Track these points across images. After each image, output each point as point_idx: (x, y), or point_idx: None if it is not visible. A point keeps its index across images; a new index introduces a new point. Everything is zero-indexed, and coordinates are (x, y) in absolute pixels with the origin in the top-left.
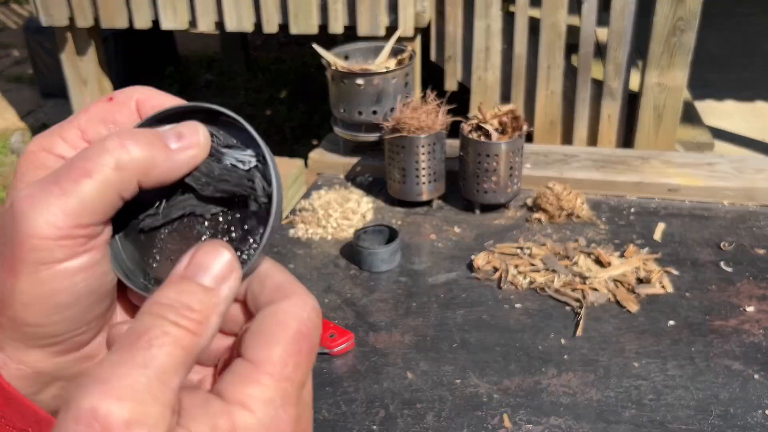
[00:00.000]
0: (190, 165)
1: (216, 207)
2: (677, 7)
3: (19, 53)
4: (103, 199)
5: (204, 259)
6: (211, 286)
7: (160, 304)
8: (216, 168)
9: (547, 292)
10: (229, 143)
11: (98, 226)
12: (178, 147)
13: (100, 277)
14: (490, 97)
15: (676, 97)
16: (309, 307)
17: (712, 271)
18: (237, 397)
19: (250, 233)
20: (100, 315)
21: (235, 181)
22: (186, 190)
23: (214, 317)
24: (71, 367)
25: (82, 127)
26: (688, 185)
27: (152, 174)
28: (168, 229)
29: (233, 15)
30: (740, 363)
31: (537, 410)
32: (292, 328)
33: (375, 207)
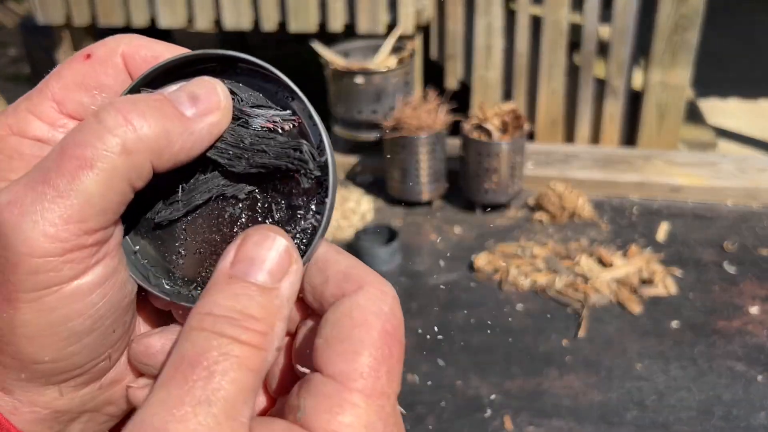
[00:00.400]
0: (212, 136)
1: (250, 185)
2: (680, 5)
3: (15, 52)
4: (112, 194)
5: (254, 251)
6: (270, 284)
7: (213, 316)
8: (245, 135)
9: (549, 293)
10: (256, 100)
11: (109, 228)
12: (194, 114)
13: (121, 288)
14: (491, 95)
15: (679, 96)
16: (390, 298)
17: (715, 271)
18: (328, 428)
19: (298, 211)
20: (125, 332)
21: (276, 152)
22: (208, 166)
23: (280, 324)
24: (96, 397)
25: (57, 97)
26: (691, 185)
27: (168, 153)
28: (191, 216)
29: (231, 13)
30: (743, 364)
31: (539, 412)
32: (376, 329)
33: (375, 207)
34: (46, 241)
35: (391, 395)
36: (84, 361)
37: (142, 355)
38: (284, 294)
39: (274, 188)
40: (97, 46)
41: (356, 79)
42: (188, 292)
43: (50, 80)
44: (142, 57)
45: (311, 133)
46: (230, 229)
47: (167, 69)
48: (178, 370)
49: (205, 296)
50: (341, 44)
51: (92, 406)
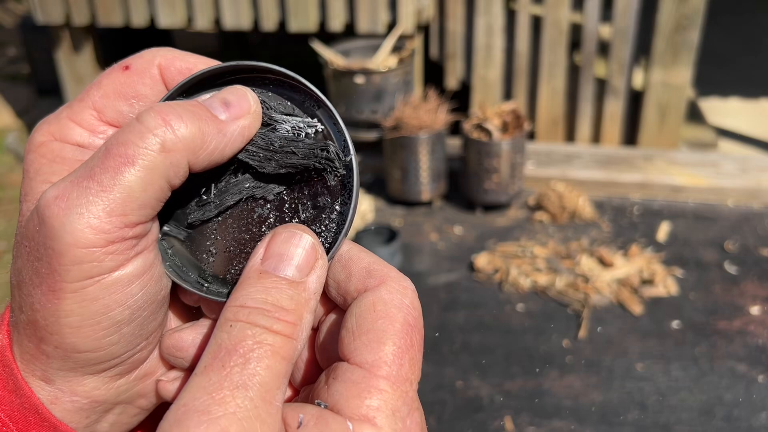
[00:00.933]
0: (243, 138)
1: (278, 186)
2: (681, 5)
3: (15, 51)
4: (152, 189)
5: (283, 248)
6: (298, 278)
7: (247, 308)
8: (275, 139)
9: (549, 294)
10: (285, 108)
11: (148, 223)
12: (227, 117)
13: (158, 281)
14: (491, 95)
15: (680, 95)
16: (410, 292)
17: (716, 271)
18: (358, 412)
19: (324, 211)
20: (160, 325)
21: (305, 152)
22: (238, 168)
23: (308, 315)
24: (131, 389)
25: (97, 106)
26: (692, 185)
27: (203, 153)
28: (222, 216)
29: (231, 13)
30: (745, 365)
31: (539, 412)
32: (399, 320)
33: (375, 207)
34: (90, 232)
35: (414, 381)
36: (122, 351)
37: (173, 348)
38: (311, 287)
39: (300, 190)
40: (135, 58)
41: (356, 78)
42: (218, 288)
43: (91, 90)
44: (177, 68)
45: (336, 137)
46: (259, 229)
47: (201, 79)
48: (216, 358)
49: (239, 290)
50: (341, 44)
51: (126, 398)
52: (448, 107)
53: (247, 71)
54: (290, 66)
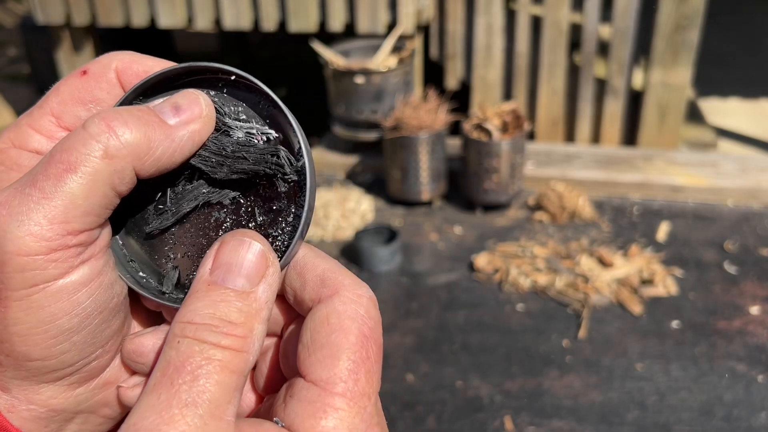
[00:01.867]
0: (194, 143)
1: (233, 191)
2: (681, 5)
3: (15, 52)
4: (95, 197)
5: (231, 256)
6: (248, 288)
7: (194, 324)
8: (227, 144)
9: (549, 294)
10: (240, 110)
11: (94, 230)
12: (177, 122)
13: (108, 288)
14: (491, 95)
15: (680, 96)
16: (365, 300)
17: (715, 271)
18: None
19: (281, 214)
20: (116, 333)
21: (255, 158)
22: (193, 174)
23: (259, 326)
24: (92, 397)
25: (55, 112)
26: (691, 185)
27: (150, 159)
28: (179, 222)
29: (231, 13)
30: (744, 365)
31: (539, 412)
32: (353, 333)
33: (375, 207)
34: (31, 239)
35: (372, 395)
36: (75, 360)
37: (133, 353)
38: (262, 297)
39: (256, 193)
40: (92, 63)
41: (356, 78)
42: (177, 294)
43: (49, 96)
44: (134, 72)
45: (292, 140)
46: (216, 233)
47: (157, 82)
48: (165, 375)
49: (186, 304)
50: (341, 44)
51: (88, 407)
52: (448, 107)
53: (203, 72)
54: (290, 66)
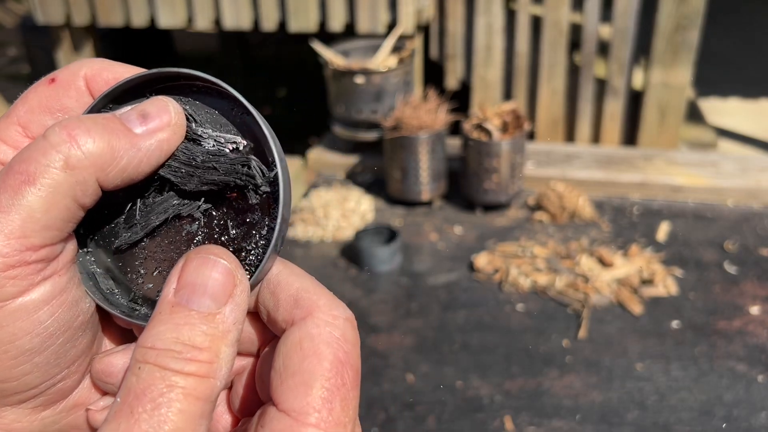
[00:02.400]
0: (162, 152)
1: (205, 203)
2: (681, 5)
3: (15, 51)
4: (56, 210)
5: (195, 276)
6: (214, 309)
7: (156, 349)
8: (198, 153)
9: (549, 294)
10: (212, 118)
11: (56, 245)
12: (144, 131)
13: (72, 307)
14: (491, 95)
15: (680, 96)
16: (341, 322)
17: (715, 271)
18: None
19: (254, 227)
20: (83, 352)
21: (226, 168)
22: (163, 185)
23: (226, 349)
24: (59, 420)
25: (22, 121)
26: (691, 185)
27: (114, 170)
28: (150, 236)
29: (231, 13)
30: (744, 364)
31: (539, 412)
32: (328, 358)
33: (375, 207)
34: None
35: (348, 424)
36: (38, 381)
37: (102, 373)
38: (229, 319)
39: (229, 206)
40: (61, 71)
41: (356, 78)
42: (148, 310)
43: (17, 105)
44: (104, 79)
45: (265, 149)
46: (188, 247)
47: (128, 89)
48: (125, 403)
49: (149, 327)
50: (341, 44)
51: (56, 430)
52: (448, 107)
53: (175, 78)
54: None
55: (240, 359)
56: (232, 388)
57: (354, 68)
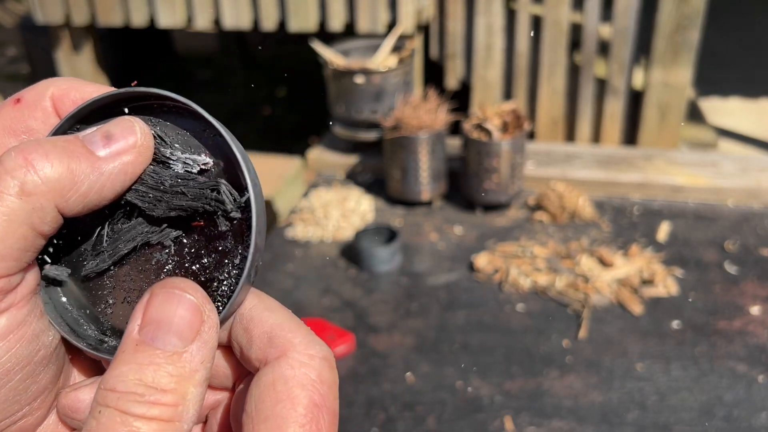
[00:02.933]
0: (127, 175)
1: (175, 230)
2: (681, 5)
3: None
4: (11, 239)
5: (160, 312)
6: (180, 348)
7: (117, 392)
8: (166, 177)
9: (549, 294)
10: (182, 139)
11: (13, 276)
12: (107, 153)
13: (32, 341)
14: (491, 95)
15: (680, 95)
16: (317, 362)
17: (716, 271)
18: None
19: (227, 256)
20: (47, 387)
21: (194, 193)
22: (131, 210)
23: (194, 390)
24: None
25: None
26: (692, 185)
27: (75, 195)
28: (118, 265)
29: (231, 12)
30: (745, 365)
31: (539, 412)
32: (302, 403)
33: (375, 207)
34: None
35: None
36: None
37: (69, 409)
38: (196, 357)
39: (200, 232)
40: (27, 90)
41: (356, 78)
42: (116, 342)
43: None
44: (72, 99)
45: (238, 172)
46: (157, 276)
47: (95, 109)
48: None
49: (112, 368)
50: (341, 43)
51: None
52: (448, 107)
53: (145, 98)
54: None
55: (215, 393)
56: (207, 423)
57: (354, 68)
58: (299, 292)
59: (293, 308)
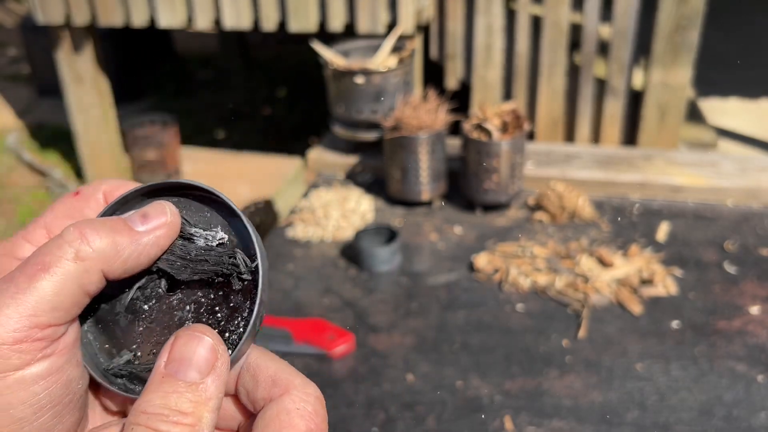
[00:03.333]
0: (159, 247)
1: (196, 291)
2: (681, 5)
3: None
4: (64, 294)
5: (183, 351)
6: (198, 380)
7: (147, 413)
8: (192, 249)
9: (549, 294)
10: (204, 219)
11: (61, 326)
12: (144, 229)
13: (65, 385)
14: (491, 95)
15: (680, 96)
16: (312, 399)
17: (715, 271)
18: None
19: (237, 310)
20: (70, 428)
21: (215, 260)
22: (161, 274)
23: (207, 414)
24: None
25: (47, 225)
26: (691, 185)
27: (117, 261)
28: (148, 319)
29: (231, 13)
30: (744, 364)
31: (539, 412)
32: (301, 429)
33: (375, 207)
34: (0, 329)
35: None
36: None
37: None
38: (211, 387)
39: (216, 293)
40: (85, 186)
41: (356, 78)
42: (140, 387)
43: (45, 212)
44: (119, 194)
45: (248, 244)
46: None
47: (136, 197)
48: None
49: (143, 395)
50: (341, 44)
51: None
52: (448, 107)
53: (176, 188)
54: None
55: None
56: None
57: (354, 68)
58: (299, 291)
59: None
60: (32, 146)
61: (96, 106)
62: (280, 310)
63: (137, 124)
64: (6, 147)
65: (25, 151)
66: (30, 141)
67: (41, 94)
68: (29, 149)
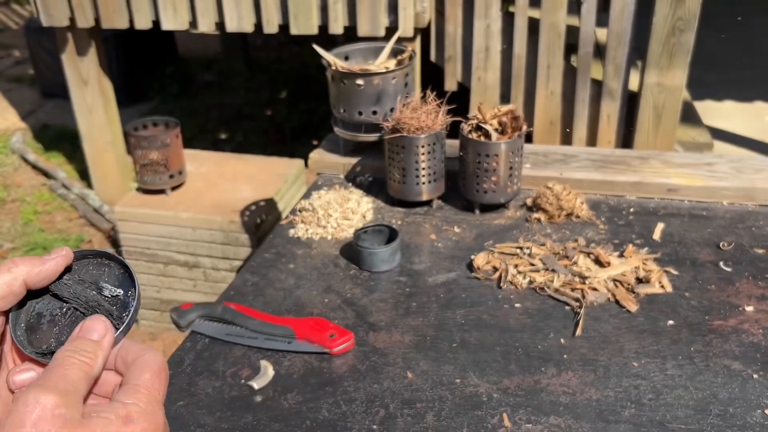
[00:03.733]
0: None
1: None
2: (677, 8)
3: (20, 53)
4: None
5: (90, 324)
6: (97, 338)
7: (68, 349)
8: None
9: (547, 292)
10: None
11: None
12: (49, 259)
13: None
14: (489, 97)
15: (676, 97)
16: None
17: (711, 270)
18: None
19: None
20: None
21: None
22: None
23: (101, 355)
24: None
25: None
26: (687, 185)
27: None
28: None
29: (233, 15)
30: (739, 363)
31: (536, 410)
32: (157, 364)
33: (375, 207)
34: None
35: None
36: None
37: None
38: (104, 344)
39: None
40: None
41: (356, 80)
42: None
43: None
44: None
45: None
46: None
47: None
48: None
49: (66, 344)
50: (342, 47)
51: None
52: (447, 109)
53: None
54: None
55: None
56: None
57: (354, 71)
58: (300, 290)
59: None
60: (36, 147)
61: (100, 107)
62: (281, 309)
63: (140, 125)
64: (10, 148)
65: (29, 152)
66: (34, 142)
67: (45, 96)
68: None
